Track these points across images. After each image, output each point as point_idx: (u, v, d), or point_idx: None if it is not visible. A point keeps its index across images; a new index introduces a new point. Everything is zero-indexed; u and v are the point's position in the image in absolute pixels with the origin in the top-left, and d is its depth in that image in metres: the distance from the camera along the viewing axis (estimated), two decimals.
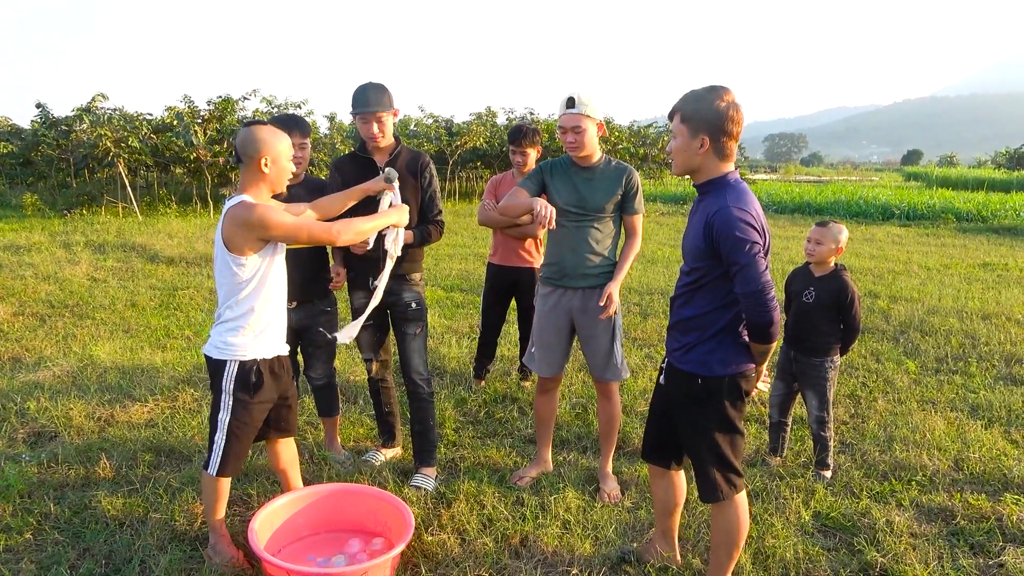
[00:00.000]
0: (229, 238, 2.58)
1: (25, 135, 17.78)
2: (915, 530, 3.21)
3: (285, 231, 2.59)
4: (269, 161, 2.63)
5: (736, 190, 2.33)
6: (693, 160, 2.37)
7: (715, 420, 2.45)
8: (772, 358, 5.46)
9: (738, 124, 2.31)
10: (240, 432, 2.74)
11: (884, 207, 18.32)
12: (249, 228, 2.55)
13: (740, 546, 2.57)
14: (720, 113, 2.28)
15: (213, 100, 17.81)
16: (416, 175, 3.42)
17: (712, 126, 2.29)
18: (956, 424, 4.42)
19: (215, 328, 2.73)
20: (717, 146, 2.32)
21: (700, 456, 2.49)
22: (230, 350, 2.68)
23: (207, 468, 2.74)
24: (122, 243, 10.99)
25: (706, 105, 2.29)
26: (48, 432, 4.10)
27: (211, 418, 2.76)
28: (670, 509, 2.85)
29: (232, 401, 2.70)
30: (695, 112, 2.32)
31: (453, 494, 3.40)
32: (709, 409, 2.45)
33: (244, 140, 2.62)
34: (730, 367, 2.42)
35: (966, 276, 9.65)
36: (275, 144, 2.64)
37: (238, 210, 2.56)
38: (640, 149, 26.09)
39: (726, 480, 2.48)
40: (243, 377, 2.70)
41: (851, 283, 3.66)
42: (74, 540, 3.00)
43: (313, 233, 2.65)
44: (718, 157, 2.35)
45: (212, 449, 2.73)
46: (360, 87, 3.27)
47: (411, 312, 3.50)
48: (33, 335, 6.05)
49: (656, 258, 10.88)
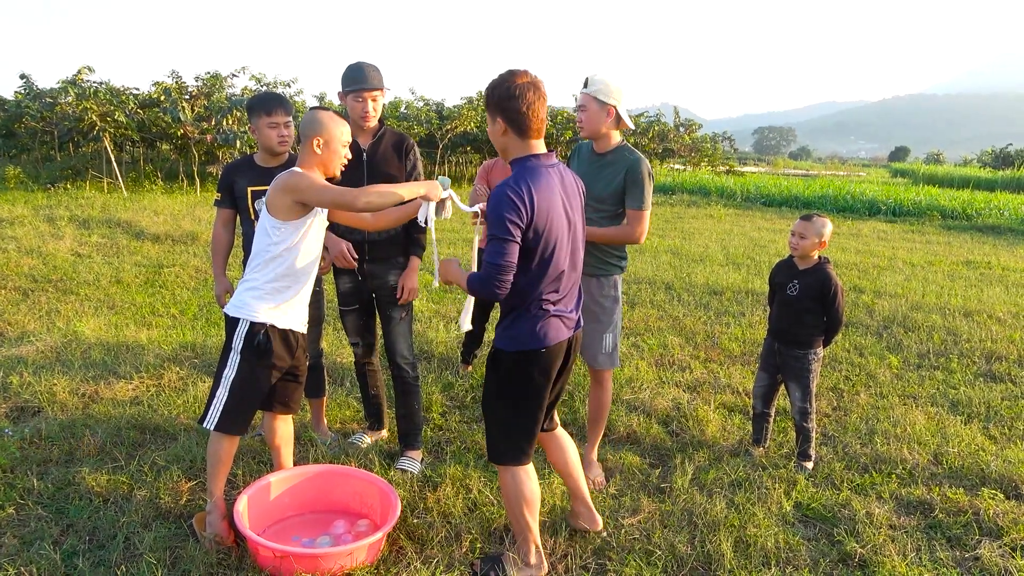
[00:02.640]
0: (271, 201, 2.70)
1: (8, 106, 17.45)
2: (894, 522, 3.26)
3: (314, 191, 2.64)
4: (321, 143, 2.73)
5: (525, 171, 2.39)
6: (499, 141, 2.49)
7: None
8: (756, 349, 5.50)
9: (530, 104, 2.37)
10: (242, 391, 2.75)
11: (871, 203, 18.42)
12: (286, 190, 2.66)
13: (520, 513, 2.65)
14: (510, 95, 2.36)
15: (201, 76, 17.60)
16: (400, 157, 3.41)
17: (504, 108, 2.39)
18: (936, 419, 4.48)
19: (239, 286, 2.82)
20: (515, 127, 2.41)
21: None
22: (246, 310, 2.74)
23: (203, 422, 2.76)
24: (107, 219, 10.86)
25: (500, 90, 2.39)
26: (31, 407, 4.07)
27: (216, 374, 2.80)
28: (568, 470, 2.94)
29: (239, 359, 2.74)
30: (490, 96, 2.43)
31: (439, 478, 3.41)
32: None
33: (304, 121, 2.76)
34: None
35: (950, 273, 9.75)
36: (331, 128, 2.76)
37: (284, 175, 2.71)
38: (631, 138, 26.09)
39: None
40: (251, 338, 2.73)
41: (835, 276, 3.69)
42: (57, 516, 2.99)
43: (335, 197, 2.65)
44: (520, 137, 2.44)
45: (211, 404, 2.75)
46: (355, 64, 3.25)
47: (396, 296, 3.50)
48: (16, 309, 5.99)
49: (644, 247, 10.90)
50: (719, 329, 6.36)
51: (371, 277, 3.48)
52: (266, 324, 2.75)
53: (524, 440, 2.63)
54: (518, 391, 2.57)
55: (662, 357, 5.54)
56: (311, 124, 2.74)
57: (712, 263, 9.71)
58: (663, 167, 29.47)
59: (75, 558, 2.69)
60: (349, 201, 2.63)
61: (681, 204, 18.41)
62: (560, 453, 2.90)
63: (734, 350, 5.78)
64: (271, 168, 3.45)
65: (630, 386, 4.82)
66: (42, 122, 15.56)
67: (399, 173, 3.40)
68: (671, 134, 29.20)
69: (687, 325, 6.46)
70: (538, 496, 2.70)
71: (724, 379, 5.06)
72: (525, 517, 2.66)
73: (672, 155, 29.68)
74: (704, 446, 3.98)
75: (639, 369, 5.18)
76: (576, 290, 2.64)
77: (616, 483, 3.51)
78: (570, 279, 2.55)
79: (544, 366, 2.54)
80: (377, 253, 3.44)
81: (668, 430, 4.19)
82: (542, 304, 2.48)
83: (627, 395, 4.65)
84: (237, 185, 3.48)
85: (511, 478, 2.64)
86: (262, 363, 2.77)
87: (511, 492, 2.65)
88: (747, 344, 5.95)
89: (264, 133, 3.39)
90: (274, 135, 3.40)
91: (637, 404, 4.53)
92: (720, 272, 9.02)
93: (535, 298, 2.47)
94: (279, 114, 3.38)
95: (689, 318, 6.70)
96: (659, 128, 28.55)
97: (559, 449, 2.90)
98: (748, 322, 6.63)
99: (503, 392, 2.60)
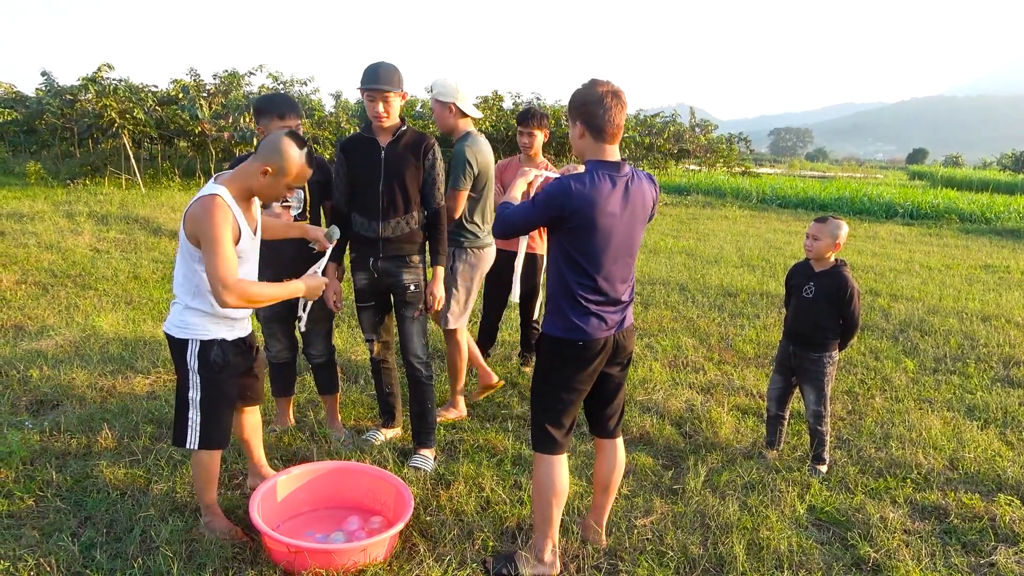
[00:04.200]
0: (191, 233, 2.53)
1: (29, 103, 17.66)
2: (908, 527, 3.24)
3: (208, 250, 2.46)
4: (272, 173, 2.59)
5: (591, 174, 2.53)
6: (577, 144, 2.63)
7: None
8: (770, 352, 5.47)
9: (608, 110, 2.50)
10: (212, 406, 2.73)
11: (888, 205, 18.27)
12: (193, 224, 2.50)
13: (546, 503, 2.68)
14: (591, 100, 2.51)
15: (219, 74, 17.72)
16: (419, 157, 3.42)
17: (584, 113, 2.53)
18: (952, 424, 4.45)
19: (174, 306, 2.71)
20: (593, 132, 2.55)
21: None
22: (191, 329, 2.67)
23: (184, 444, 2.71)
24: (125, 215, 10.97)
25: (583, 96, 2.54)
26: (51, 400, 4.13)
27: (178, 395, 2.74)
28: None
29: (199, 379, 2.69)
30: (573, 102, 2.58)
31: (452, 476, 3.42)
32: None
33: (271, 142, 2.61)
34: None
35: (967, 277, 9.66)
36: (293, 168, 2.61)
37: (197, 206, 2.50)
38: (646, 138, 26.02)
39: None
40: (204, 355, 2.68)
41: (851, 278, 3.67)
42: (76, 508, 3.03)
43: (214, 271, 2.44)
44: (596, 141, 2.57)
45: (187, 426, 2.71)
46: (372, 64, 3.28)
47: (410, 295, 3.51)
48: (36, 304, 6.07)
49: (659, 248, 10.88)
50: (733, 331, 6.34)
51: (384, 275, 3.50)
52: (216, 339, 2.70)
53: (555, 429, 2.67)
54: (553, 378, 2.67)
55: (676, 358, 5.53)
56: (277, 152, 2.59)
57: (727, 264, 9.67)
58: (678, 168, 29.37)
59: (93, 550, 2.73)
60: (218, 288, 2.44)
61: (696, 205, 18.34)
62: (606, 464, 2.90)
63: (748, 352, 5.76)
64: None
65: (643, 387, 4.81)
66: (62, 119, 15.74)
67: (416, 173, 3.42)
68: (686, 135, 29.10)
69: (701, 326, 6.44)
70: (566, 491, 2.72)
71: (738, 381, 5.04)
72: (551, 508, 2.69)
73: (687, 156, 29.58)
74: (717, 448, 3.97)
75: (652, 370, 5.17)
76: (624, 295, 2.68)
77: (628, 484, 3.51)
78: (615, 281, 2.61)
79: (579, 358, 2.61)
80: (390, 251, 3.46)
81: (681, 431, 4.19)
82: (583, 300, 2.57)
83: (640, 396, 4.65)
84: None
85: (542, 467, 2.69)
86: (223, 375, 2.73)
87: (539, 481, 2.70)
88: (761, 346, 5.92)
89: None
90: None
91: (650, 405, 4.52)
92: (735, 274, 8.99)
93: (577, 293, 2.56)
94: (291, 117, 3.41)
95: (703, 319, 6.68)
96: (674, 129, 28.45)
97: (607, 461, 2.90)
98: (763, 324, 6.60)
99: (541, 377, 2.71)
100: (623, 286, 2.66)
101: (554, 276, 2.62)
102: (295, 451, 3.65)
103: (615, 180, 2.53)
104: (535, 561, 2.72)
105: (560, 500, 2.70)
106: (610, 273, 2.58)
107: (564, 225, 2.50)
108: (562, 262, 2.57)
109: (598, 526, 2.97)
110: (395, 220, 3.42)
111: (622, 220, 2.55)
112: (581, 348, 2.60)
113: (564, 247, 2.55)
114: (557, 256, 2.59)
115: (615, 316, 2.65)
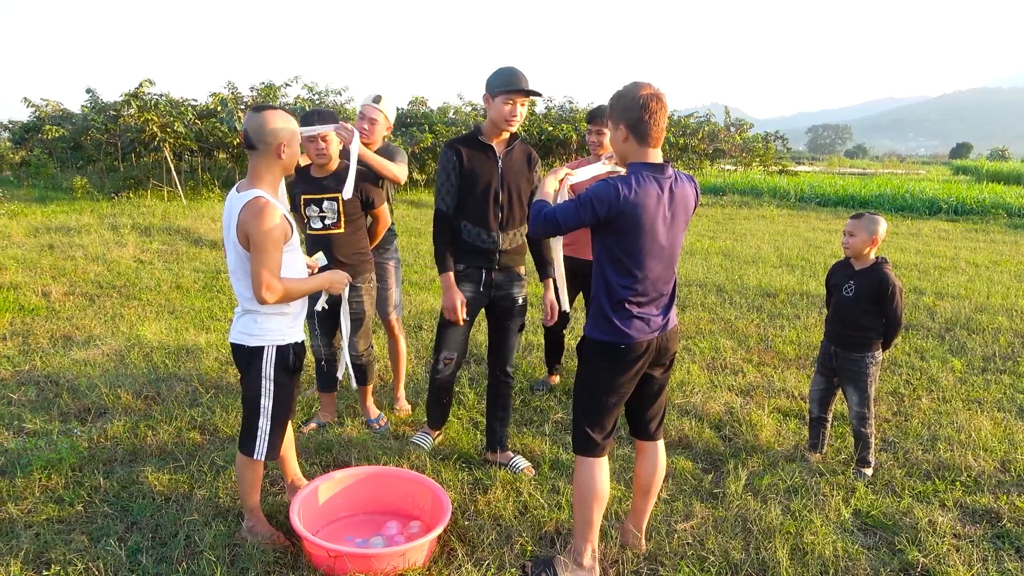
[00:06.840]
0: (244, 237, 2.56)
1: (75, 120, 18.19)
2: (958, 531, 3.15)
3: (257, 251, 2.52)
4: (284, 147, 2.60)
5: (635, 177, 2.52)
6: (620, 148, 2.61)
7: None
8: (812, 353, 5.37)
9: (652, 113, 2.48)
10: (282, 416, 2.80)
11: (931, 201, 17.83)
12: (246, 229, 2.53)
13: (586, 506, 2.66)
14: (634, 104, 2.49)
15: (256, 86, 18.05)
16: (530, 168, 3.45)
17: (627, 117, 2.51)
18: (1003, 425, 4.31)
19: (243, 317, 2.74)
20: (636, 135, 2.53)
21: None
22: (267, 336, 2.71)
23: (253, 454, 2.77)
24: (167, 226, 11.22)
25: (625, 100, 2.51)
26: (98, 408, 4.23)
27: (248, 404, 2.77)
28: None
29: (273, 386, 2.74)
30: (615, 105, 2.56)
31: (490, 480, 3.42)
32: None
33: (256, 126, 2.54)
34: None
35: (1017, 274, 9.37)
36: (290, 128, 2.60)
37: (247, 211, 2.53)
38: (680, 139, 25.79)
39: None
40: (282, 361, 2.74)
41: (892, 276, 3.58)
42: (122, 513, 3.10)
43: (262, 270, 2.52)
44: (639, 144, 2.54)
45: (257, 435, 2.76)
46: (508, 68, 3.18)
47: (517, 308, 3.54)
48: (83, 314, 6.23)
49: (695, 250, 10.77)
50: (773, 332, 6.24)
51: (495, 288, 3.48)
52: (291, 343, 2.76)
53: (595, 431, 2.66)
54: (594, 380, 2.66)
55: (714, 361, 5.46)
56: (268, 130, 2.54)
57: (765, 265, 9.53)
58: (712, 168, 29.05)
59: (139, 555, 2.79)
60: (261, 287, 2.51)
61: (732, 205, 18.13)
62: (647, 467, 2.88)
63: (788, 353, 5.66)
64: (319, 178, 3.67)
65: (681, 390, 4.76)
66: (106, 134, 16.17)
67: (528, 185, 3.44)
68: (721, 134, 28.77)
69: (739, 328, 6.35)
70: (607, 494, 2.70)
71: (778, 383, 4.96)
72: (591, 512, 2.68)
73: (723, 155, 29.23)
74: (758, 451, 3.91)
75: (691, 373, 5.11)
76: (666, 297, 2.66)
77: (668, 487, 3.47)
78: (657, 285, 2.60)
79: (621, 361, 2.60)
80: (505, 263, 3.45)
81: (721, 435, 4.13)
82: (625, 303, 2.56)
83: (679, 399, 4.60)
84: (292, 193, 3.63)
85: (583, 469, 2.68)
86: (293, 381, 2.81)
87: (580, 483, 2.68)
88: (802, 347, 5.82)
89: (304, 148, 3.52)
90: (311, 148, 3.58)
91: (689, 408, 4.47)
92: (773, 274, 8.85)
93: (620, 296, 2.55)
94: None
95: (741, 321, 6.59)
96: (709, 128, 28.16)
97: (648, 464, 2.88)
98: (803, 325, 6.48)
99: (583, 379, 2.70)
100: (666, 287, 2.64)
101: (597, 278, 2.62)
102: (335, 446, 3.70)
103: (660, 182, 2.52)
104: (574, 566, 2.71)
105: (601, 504, 2.69)
106: (654, 275, 2.57)
107: (611, 226, 2.49)
108: (606, 263, 2.57)
109: (638, 531, 2.94)
110: (512, 232, 3.41)
111: (667, 222, 2.54)
112: (624, 351, 2.59)
113: (609, 248, 2.54)
114: (601, 257, 2.58)
115: (658, 319, 2.64)
